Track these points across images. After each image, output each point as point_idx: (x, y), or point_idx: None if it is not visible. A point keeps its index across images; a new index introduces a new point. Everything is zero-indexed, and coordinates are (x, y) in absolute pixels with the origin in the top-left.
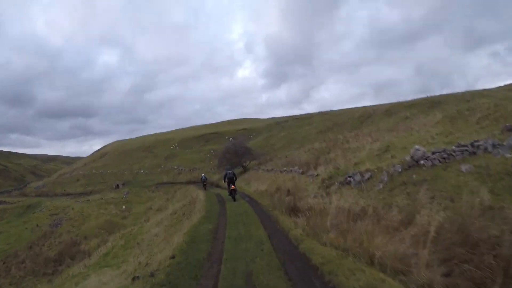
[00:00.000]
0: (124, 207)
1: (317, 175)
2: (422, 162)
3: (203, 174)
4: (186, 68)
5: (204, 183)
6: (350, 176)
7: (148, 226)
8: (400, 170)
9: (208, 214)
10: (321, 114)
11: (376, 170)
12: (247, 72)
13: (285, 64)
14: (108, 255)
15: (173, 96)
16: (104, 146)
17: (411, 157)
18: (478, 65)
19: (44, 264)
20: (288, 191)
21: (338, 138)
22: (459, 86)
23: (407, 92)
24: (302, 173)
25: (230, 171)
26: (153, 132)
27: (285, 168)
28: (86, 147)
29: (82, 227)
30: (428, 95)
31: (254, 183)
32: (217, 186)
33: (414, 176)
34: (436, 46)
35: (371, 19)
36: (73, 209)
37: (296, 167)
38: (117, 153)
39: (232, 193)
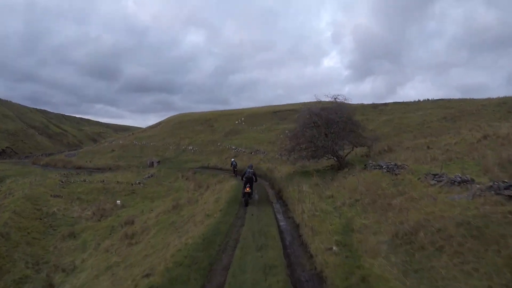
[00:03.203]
0: (118, 202)
1: None
2: None
3: (233, 159)
4: (271, 54)
5: (234, 170)
6: None
7: None
8: None
9: None
10: (431, 101)
11: None
12: (332, 62)
13: (371, 57)
14: None
15: (256, 80)
16: (168, 118)
17: None
18: None
19: None
20: None
21: None
22: None
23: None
24: None
25: (251, 170)
26: None
27: None
28: None
29: None
30: None
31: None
32: (280, 196)
33: None
34: None
35: (465, 18)
36: (13, 196)
37: None
38: (171, 124)
39: (245, 195)
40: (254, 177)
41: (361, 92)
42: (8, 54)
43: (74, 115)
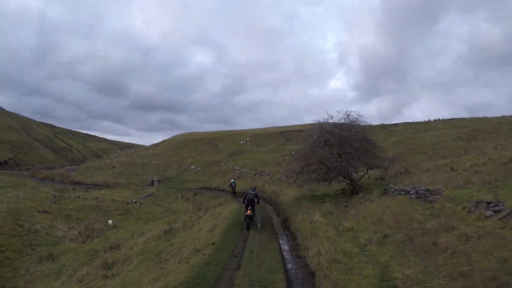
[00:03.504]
0: (110, 222)
1: None
2: None
3: (232, 180)
4: (277, 74)
5: (234, 191)
6: None
7: None
8: None
9: None
10: (442, 121)
11: None
12: (339, 83)
13: (377, 77)
14: None
15: (261, 100)
16: (173, 136)
17: None
18: None
19: None
20: None
21: None
22: None
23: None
24: None
25: (253, 192)
26: None
27: None
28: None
29: None
30: None
31: None
32: (287, 225)
33: None
34: None
35: (470, 35)
36: None
37: None
38: (175, 142)
39: (247, 219)
40: (256, 199)
41: (367, 113)
42: (18, 67)
43: (80, 131)
